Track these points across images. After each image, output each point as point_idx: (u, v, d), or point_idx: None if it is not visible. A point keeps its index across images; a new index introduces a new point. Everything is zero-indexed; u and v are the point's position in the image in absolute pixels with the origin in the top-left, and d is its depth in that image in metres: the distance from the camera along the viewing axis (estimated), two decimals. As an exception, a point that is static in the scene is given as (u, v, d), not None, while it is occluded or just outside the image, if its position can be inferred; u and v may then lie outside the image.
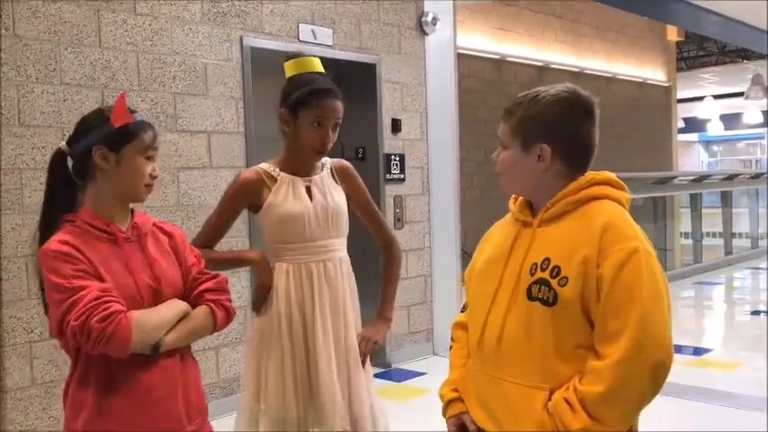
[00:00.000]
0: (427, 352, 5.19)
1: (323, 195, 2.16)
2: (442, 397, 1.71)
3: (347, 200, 2.25)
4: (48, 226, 1.68)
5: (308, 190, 2.15)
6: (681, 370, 4.59)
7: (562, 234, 1.48)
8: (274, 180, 2.15)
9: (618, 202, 1.52)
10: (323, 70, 2.20)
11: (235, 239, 4.15)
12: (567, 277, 1.42)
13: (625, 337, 1.36)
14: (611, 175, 1.55)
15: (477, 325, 1.57)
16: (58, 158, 1.71)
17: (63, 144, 1.71)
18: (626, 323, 1.37)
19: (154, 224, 1.79)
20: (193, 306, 1.73)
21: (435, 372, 4.60)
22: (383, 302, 2.35)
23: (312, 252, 2.14)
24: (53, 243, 1.60)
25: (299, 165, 2.18)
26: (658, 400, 1.47)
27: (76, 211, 1.69)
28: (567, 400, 1.40)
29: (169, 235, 1.80)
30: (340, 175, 2.24)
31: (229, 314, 1.78)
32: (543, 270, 1.45)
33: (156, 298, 1.67)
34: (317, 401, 2.09)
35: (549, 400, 1.43)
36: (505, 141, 1.56)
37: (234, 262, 2.33)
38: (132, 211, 1.76)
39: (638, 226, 1.48)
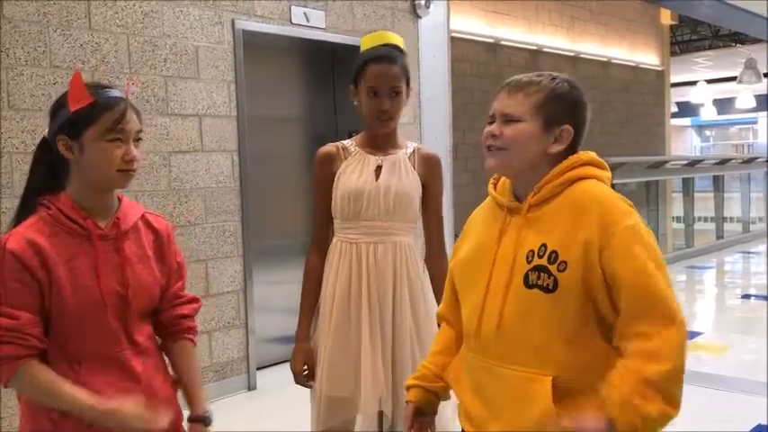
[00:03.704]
0: (420, 336, 5.19)
1: (391, 175, 2.09)
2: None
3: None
4: (25, 212, 1.55)
5: (379, 169, 2.10)
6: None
7: (555, 218, 1.45)
8: (350, 154, 2.15)
9: (602, 182, 1.50)
10: (396, 42, 2.17)
11: (227, 223, 4.14)
12: (565, 262, 1.40)
13: (663, 312, 1.35)
14: (594, 156, 1.54)
15: (474, 314, 1.53)
16: (43, 146, 1.60)
17: (47, 131, 1.61)
18: (655, 298, 1.36)
19: (144, 215, 1.65)
20: (167, 324, 1.68)
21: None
22: None
23: (365, 232, 2.08)
24: (18, 240, 1.46)
25: (373, 141, 2.15)
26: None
27: (56, 195, 1.55)
28: (636, 392, 1.32)
29: (155, 232, 1.66)
30: (420, 162, 2.16)
31: (194, 345, 1.74)
32: (540, 257, 1.43)
33: (124, 306, 1.54)
34: (358, 381, 2.06)
35: (554, 387, 1.40)
36: (519, 115, 1.47)
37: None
38: (120, 201, 1.62)
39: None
